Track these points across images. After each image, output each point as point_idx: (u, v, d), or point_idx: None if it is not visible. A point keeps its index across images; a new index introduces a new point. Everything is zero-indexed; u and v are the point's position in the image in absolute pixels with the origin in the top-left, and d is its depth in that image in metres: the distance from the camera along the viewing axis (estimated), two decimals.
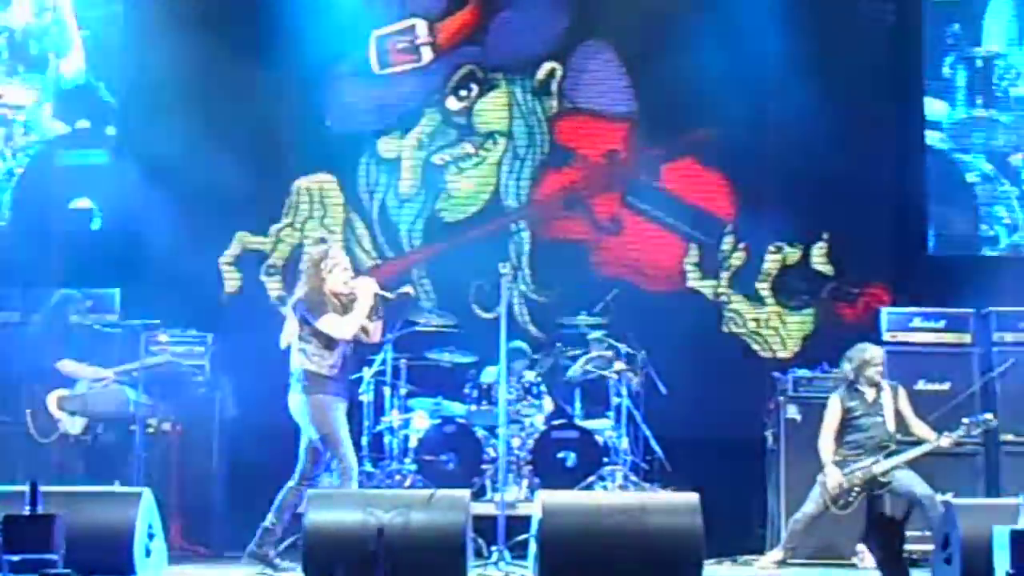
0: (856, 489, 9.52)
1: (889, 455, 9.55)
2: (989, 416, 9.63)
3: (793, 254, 11.88)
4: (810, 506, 9.62)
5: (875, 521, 3.98)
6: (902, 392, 9.84)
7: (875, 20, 12.02)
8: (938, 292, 11.12)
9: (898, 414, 9.75)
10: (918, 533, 9.30)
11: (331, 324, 8.38)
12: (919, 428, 9.73)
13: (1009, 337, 10.59)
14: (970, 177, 11.88)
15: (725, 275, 11.86)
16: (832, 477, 9.52)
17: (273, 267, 11.70)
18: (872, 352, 9.84)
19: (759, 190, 11.55)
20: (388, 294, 8.67)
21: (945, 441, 9.56)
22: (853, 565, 9.69)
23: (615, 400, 10.49)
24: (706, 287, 11.85)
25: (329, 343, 8.39)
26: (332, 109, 11.79)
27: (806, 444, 9.95)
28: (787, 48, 11.42)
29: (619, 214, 11.85)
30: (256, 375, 10.51)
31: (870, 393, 9.75)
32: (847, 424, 9.68)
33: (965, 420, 9.57)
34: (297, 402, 8.50)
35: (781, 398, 10.34)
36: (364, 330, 8.59)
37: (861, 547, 9.69)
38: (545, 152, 11.95)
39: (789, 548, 9.66)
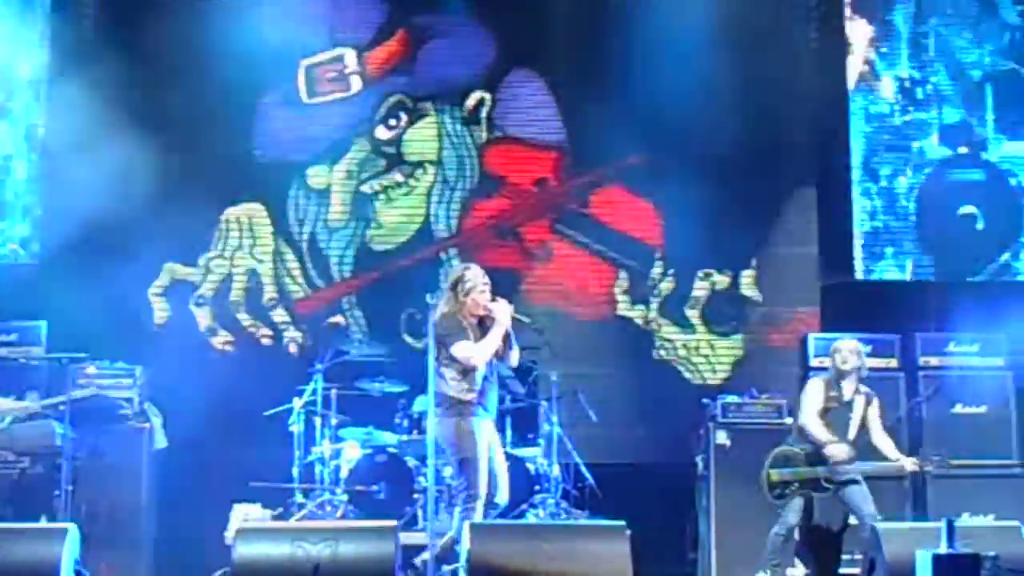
0: (796, 484, 9.33)
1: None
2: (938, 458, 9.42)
3: (722, 280, 11.96)
4: (790, 516, 9.33)
5: (812, 532, 3.96)
6: (875, 401, 9.49)
7: (801, 48, 12.15)
8: (866, 317, 11.22)
9: (863, 424, 9.41)
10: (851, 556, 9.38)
11: (465, 351, 8.37)
12: (882, 442, 9.42)
13: (934, 361, 10.75)
14: None
15: (655, 302, 11.92)
16: (838, 451, 9.17)
17: (202, 298, 11.64)
18: (839, 343, 9.60)
19: (688, 217, 11.59)
20: (524, 319, 8.66)
21: (909, 463, 9.33)
22: None
23: (545, 428, 10.52)
24: (636, 314, 11.90)
25: (466, 368, 8.40)
26: (261, 139, 11.77)
27: (736, 469, 10.02)
28: (715, 74, 11.51)
29: (549, 242, 11.90)
30: (186, 407, 10.48)
31: (847, 389, 9.43)
32: (824, 413, 9.33)
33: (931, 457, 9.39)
34: (437, 426, 8.46)
35: (711, 424, 10.40)
36: (498, 355, 8.56)
37: (791, 571, 9.74)
38: (475, 181, 11.98)
39: (774, 565, 9.54)
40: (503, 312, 8.50)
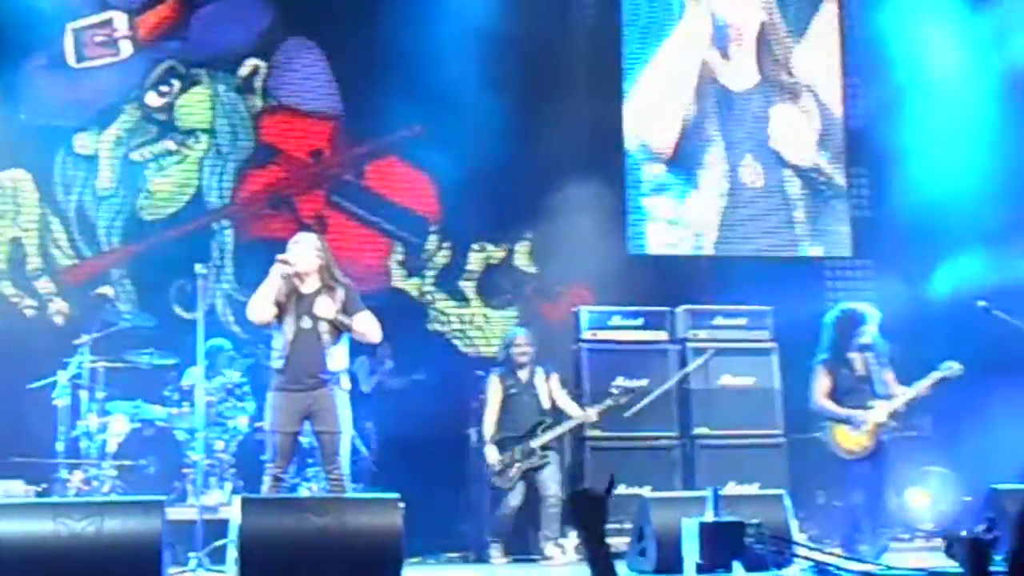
0: (516, 463, 10.02)
1: (545, 429, 10.10)
2: (639, 383, 10.36)
3: (497, 253, 12.03)
4: (514, 498, 10.03)
5: (577, 499, 3.98)
6: (553, 374, 10.36)
7: (577, 24, 12.26)
8: (637, 290, 11.39)
9: (552, 397, 10.31)
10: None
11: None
12: (568, 406, 10.30)
13: (703, 334, 10.94)
14: None
15: (430, 274, 11.93)
16: (490, 455, 10.07)
17: None
18: (516, 338, 10.42)
19: (463, 189, 11.63)
20: (293, 270, 8.42)
21: (592, 413, 10.15)
22: (548, 558, 9.91)
23: None
24: (411, 286, 11.90)
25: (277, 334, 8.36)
26: (26, 103, 11.31)
27: None
28: (492, 46, 11.53)
29: (324, 213, 11.79)
30: None
31: (523, 374, 10.25)
32: (506, 402, 10.21)
33: (613, 390, 10.22)
34: None
35: (484, 396, 10.44)
36: (344, 326, 8.39)
37: (565, 542, 9.88)
38: (249, 150, 11.79)
39: (496, 541, 9.99)
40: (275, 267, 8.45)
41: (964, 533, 4.41)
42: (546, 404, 10.25)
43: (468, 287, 11.99)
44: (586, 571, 4.38)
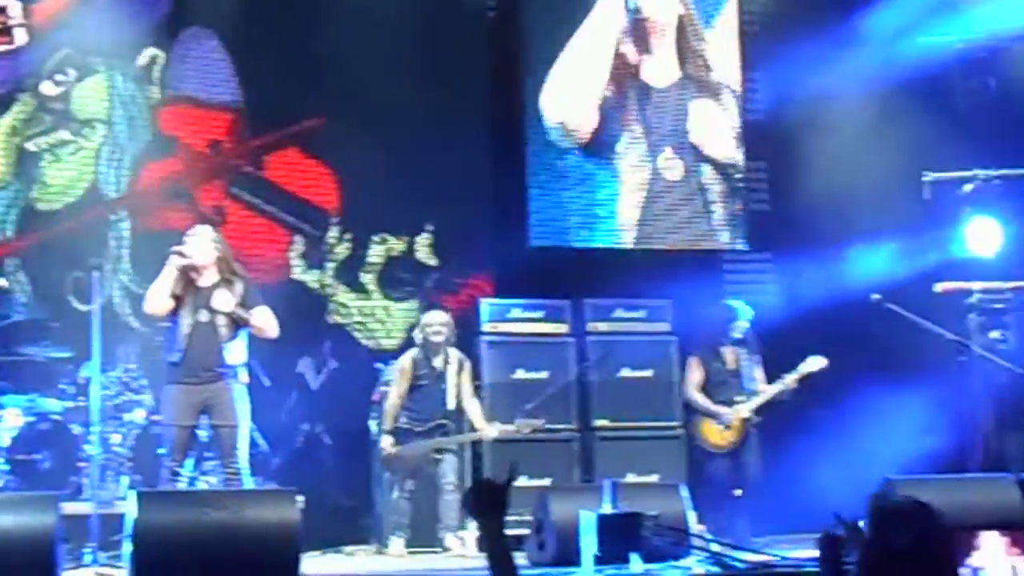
0: (409, 460, 9.84)
1: (444, 433, 9.90)
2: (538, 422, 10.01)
3: (398, 245, 12.00)
4: (409, 483, 9.90)
5: (478, 487, 3.96)
6: (467, 366, 10.08)
7: (478, 14, 12.24)
8: (538, 283, 11.41)
9: (459, 390, 10.01)
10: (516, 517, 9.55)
11: None
12: (472, 411, 10.02)
13: (603, 327, 11.01)
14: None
15: (330, 266, 11.87)
16: (385, 444, 9.87)
17: None
18: (430, 316, 10.16)
19: (364, 181, 11.59)
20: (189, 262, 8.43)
21: (493, 431, 9.91)
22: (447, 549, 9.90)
23: None
24: (311, 278, 11.83)
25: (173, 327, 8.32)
26: None
27: None
28: (392, 40, 11.49)
29: (223, 205, 11.68)
30: None
31: (438, 362, 9.98)
32: (413, 389, 9.94)
33: (521, 424, 9.93)
34: None
35: (383, 388, 10.41)
36: (242, 320, 8.37)
37: (463, 534, 9.89)
38: (147, 141, 11.64)
39: (396, 533, 9.89)
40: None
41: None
42: (451, 404, 9.96)
43: (369, 279, 11.94)
44: (485, 562, 4.39)
